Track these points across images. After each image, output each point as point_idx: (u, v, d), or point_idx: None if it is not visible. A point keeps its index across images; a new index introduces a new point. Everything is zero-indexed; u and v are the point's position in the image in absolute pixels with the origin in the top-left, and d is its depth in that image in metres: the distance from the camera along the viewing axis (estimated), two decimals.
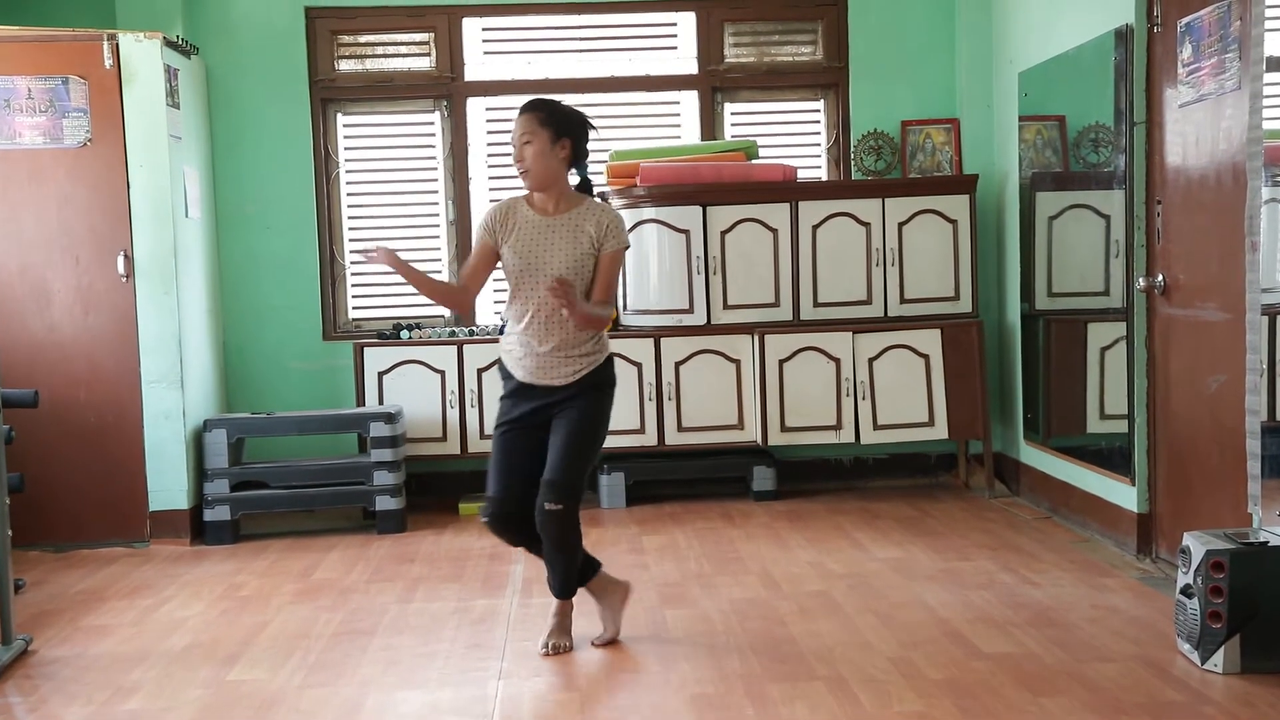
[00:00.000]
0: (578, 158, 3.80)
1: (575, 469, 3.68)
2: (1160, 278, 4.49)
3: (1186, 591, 3.49)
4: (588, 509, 5.89)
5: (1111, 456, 4.87)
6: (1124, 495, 4.77)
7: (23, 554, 5.13)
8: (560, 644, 3.78)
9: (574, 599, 3.86)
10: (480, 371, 5.87)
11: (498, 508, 3.77)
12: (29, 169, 5.33)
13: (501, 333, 3.94)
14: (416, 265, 6.28)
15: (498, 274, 3.88)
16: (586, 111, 6.38)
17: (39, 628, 4.20)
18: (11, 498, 4.12)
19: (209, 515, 5.48)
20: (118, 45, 5.35)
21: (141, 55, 5.37)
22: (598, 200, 3.86)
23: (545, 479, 3.67)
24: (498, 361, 3.91)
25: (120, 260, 5.39)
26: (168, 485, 5.45)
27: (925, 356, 5.84)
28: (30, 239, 5.35)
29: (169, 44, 5.50)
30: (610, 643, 3.82)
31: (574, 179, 3.85)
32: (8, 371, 5.17)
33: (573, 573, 3.80)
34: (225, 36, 6.10)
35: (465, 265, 3.89)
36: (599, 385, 3.78)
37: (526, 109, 3.78)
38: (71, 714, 3.40)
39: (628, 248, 3.83)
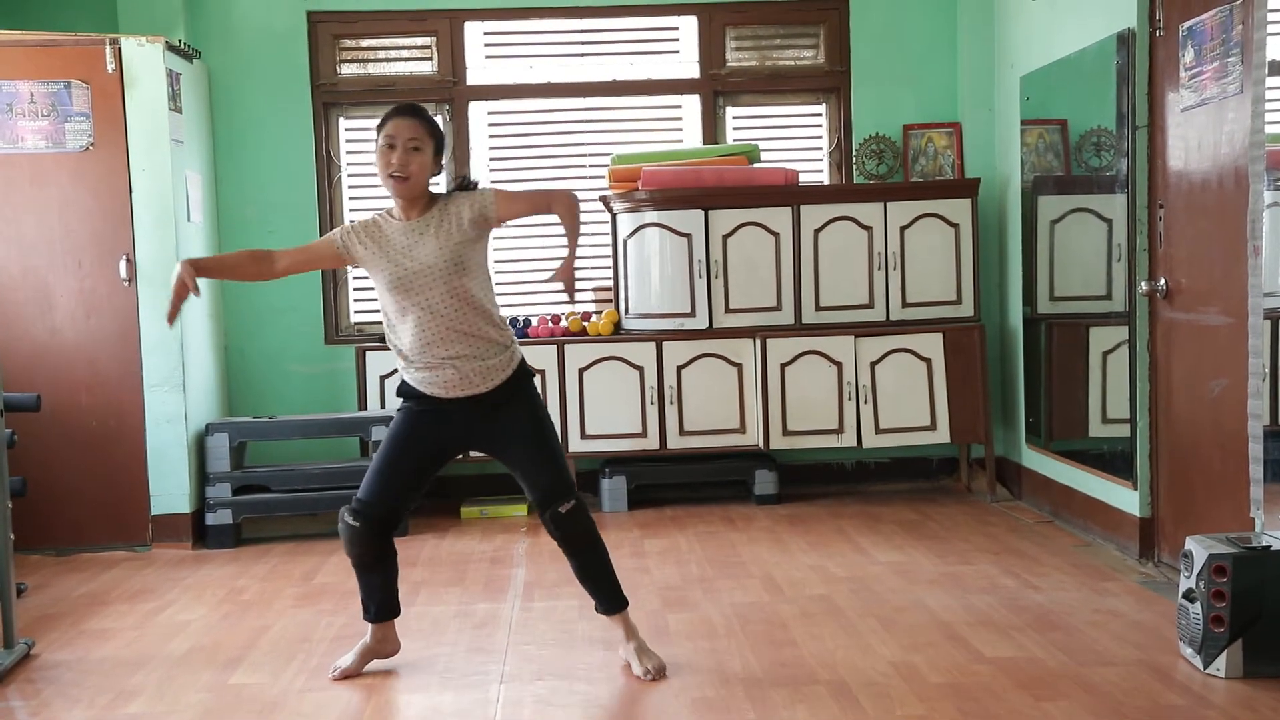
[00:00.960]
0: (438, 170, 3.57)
1: (561, 465, 3.55)
2: (1162, 282, 4.49)
3: (1189, 596, 3.48)
4: (590, 512, 5.89)
5: (1113, 460, 4.87)
6: (1126, 499, 4.77)
7: (25, 558, 5.13)
8: (656, 665, 3.54)
9: (628, 605, 3.65)
10: None
11: (370, 509, 3.55)
12: (31, 173, 5.34)
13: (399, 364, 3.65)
14: None
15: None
16: (589, 115, 6.44)
17: (41, 632, 4.20)
18: (13, 502, 4.12)
19: (211, 519, 5.48)
20: (120, 49, 5.35)
21: (143, 59, 5.38)
22: (450, 193, 3.59)
23: (541, 488, 3.50)
24: (399, 384, 3.66)
25: (122, 264, 5.39)
26: (169, 489, 5.45)
27: (927, 360, 5.84)
28: (32, 243, 5.36)
29: (171, 48, 5.51)
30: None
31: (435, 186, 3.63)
32: (10, 375, 5.17)
33: (610, 572, 3.61)
34: (227, 40, 6.11)
35: (294, 249, 3.69)
36: (521, 379, 3.58)
37: (411, 114, 3.50)
38: (73, 718, 3.40)
39: (495, 190, 3.56)
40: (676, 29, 6.39)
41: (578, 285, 3.64)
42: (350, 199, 6.31)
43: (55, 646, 4.05)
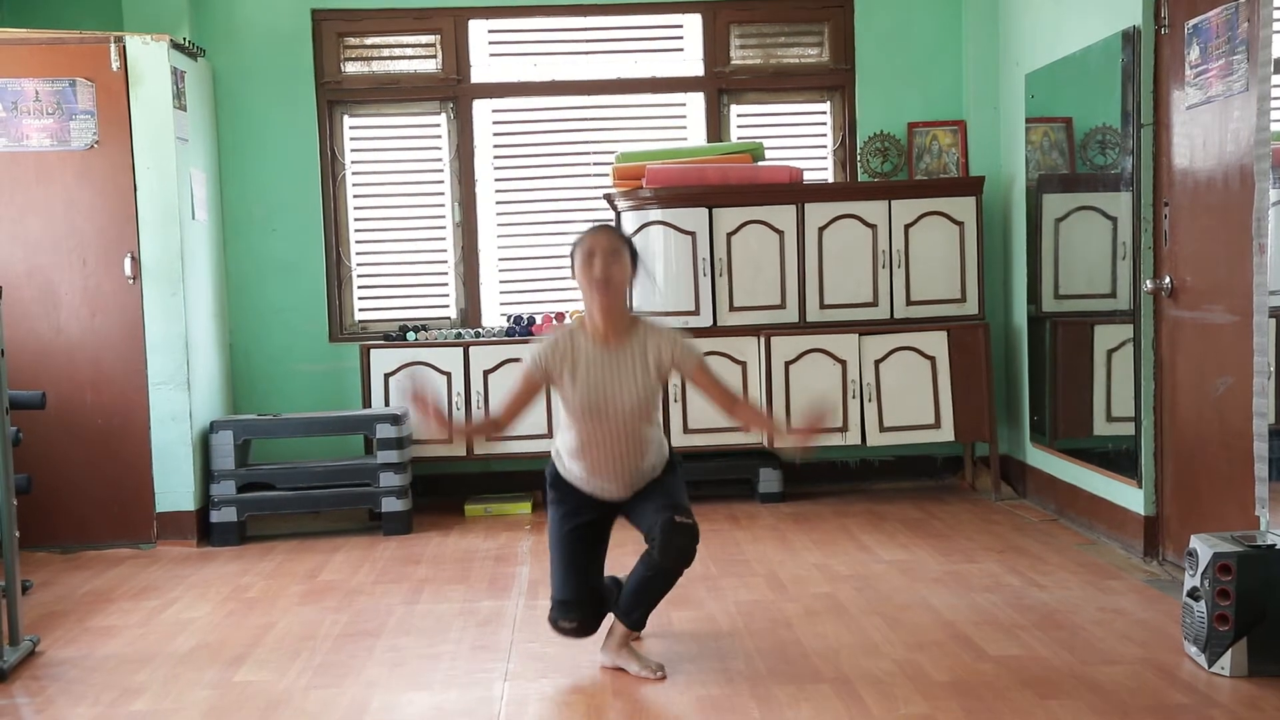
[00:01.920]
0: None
1: (685, 498, 3.62)
2: (1167, 280, 4.48)
3: (1193, 594, 3.48)
4: None
5: (1118, 459, 4.86)
6: (1131, 498, 4.76)
7: (30, 555, 5.13)
8: (657, 664, 3.58)
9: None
10: (486, 373, 5.87)
11: (572, 608, 3.61)
12: (36, 171, 5.35)
13: (556, 453, 3.73)
14: (422, 266, 6.35)
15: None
16: (593, 113, 6.42)
17: (46, 629, 4.21)
18: (19, 499, 4.12)
19: (215, 517, 5.48)
20: (125, 47, 5.36)
21: (148, 57, 5.38)
22: (644, 319, 3.65)
23: (664, 505, 3.53)
24: (550, 471, 3.72)
25: (127, 262, 5.40)
26: (174, 487, 5.46)
27: (931, 359, 5.83)
28: (37, 241, 5.37)
29: (176, 46, 5.51)
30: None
31: None
32: (15, 373, 5.18)
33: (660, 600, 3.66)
34: (232, 39, 6.12)
35: (506, 395, 3.65)
36: (670, 467, 3.73)
37: (605, 230, 3.62)
38: (78, 715, 3.40)
39: (704, 354, 3.69)
40: (681, 26, 6.39)
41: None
42: (355, 196, 6.31)
43: (60, 644, 4.06)
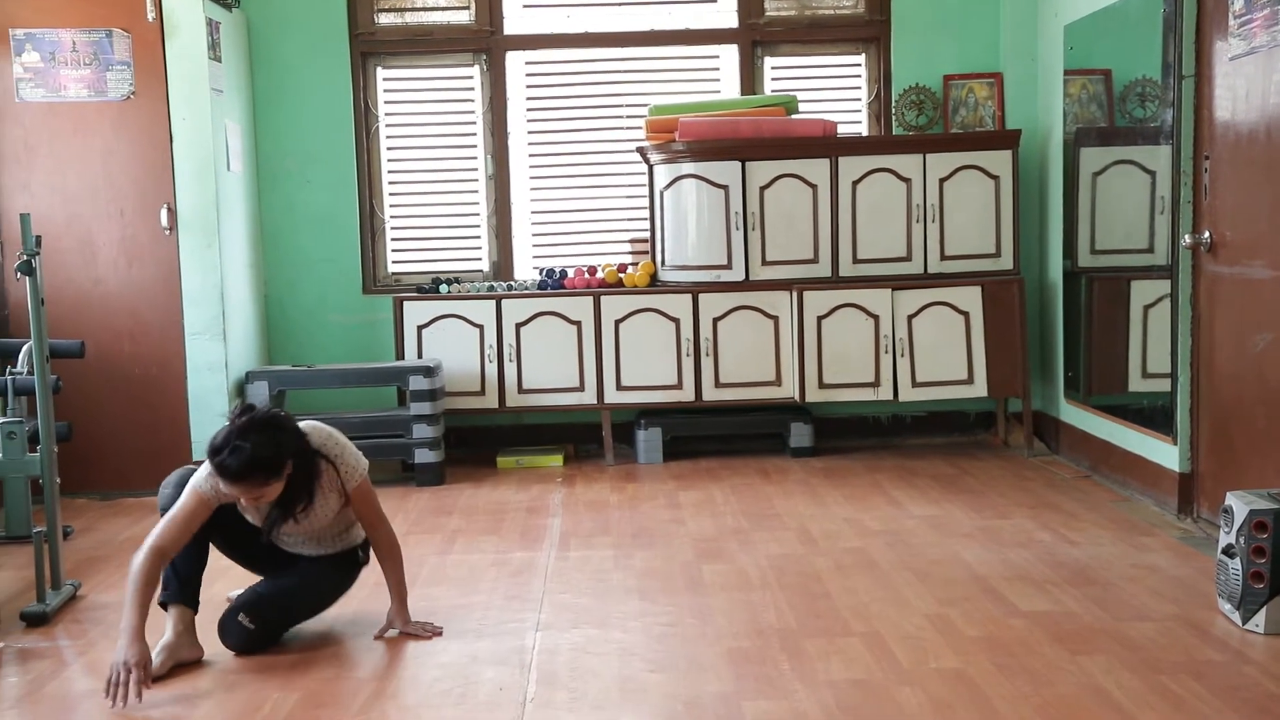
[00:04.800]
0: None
1: (281, 610, 3.51)
2: (1207, 235, 4.43)
3: (1228, 551, 3.47)
4: (625, 464, 5.93)
5: (1153, 415, 4.83)
6: (1165, 454, 4.74)
7: (70, 501, 5.21)
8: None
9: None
10: (519, 326, 5.88)
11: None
12: (74, 122, 5.38)
13: None
14: (455, 219, 6.34)
15: None
16: (626, 65, 6.37)
17: (87, 574, 4.28)
18: (59, 446, 4.18)
19: None
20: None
21: (184, 8, 5.38)
22: (312, 463, 3.40)
23: (262, 592, 3.49)
24: None
25: (163, 213, 5.43)
26: (210, 435, 5.49)
27: (965, 314, 5.80)
28: (75, 192, 5.40)
29: None
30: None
31: None
32: (55, 323, 5.23)
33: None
34: None
35: (170, 529, 3.34)
36: (354, 562, 3.67)
37: (238, 479, 3.24)
38: None
39: (365, 471, 3.51)
40: None
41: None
42: (388, 148, 6.31)
43: (101, 588, 4.13)
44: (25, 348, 4.78)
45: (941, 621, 3.54)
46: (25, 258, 3.86)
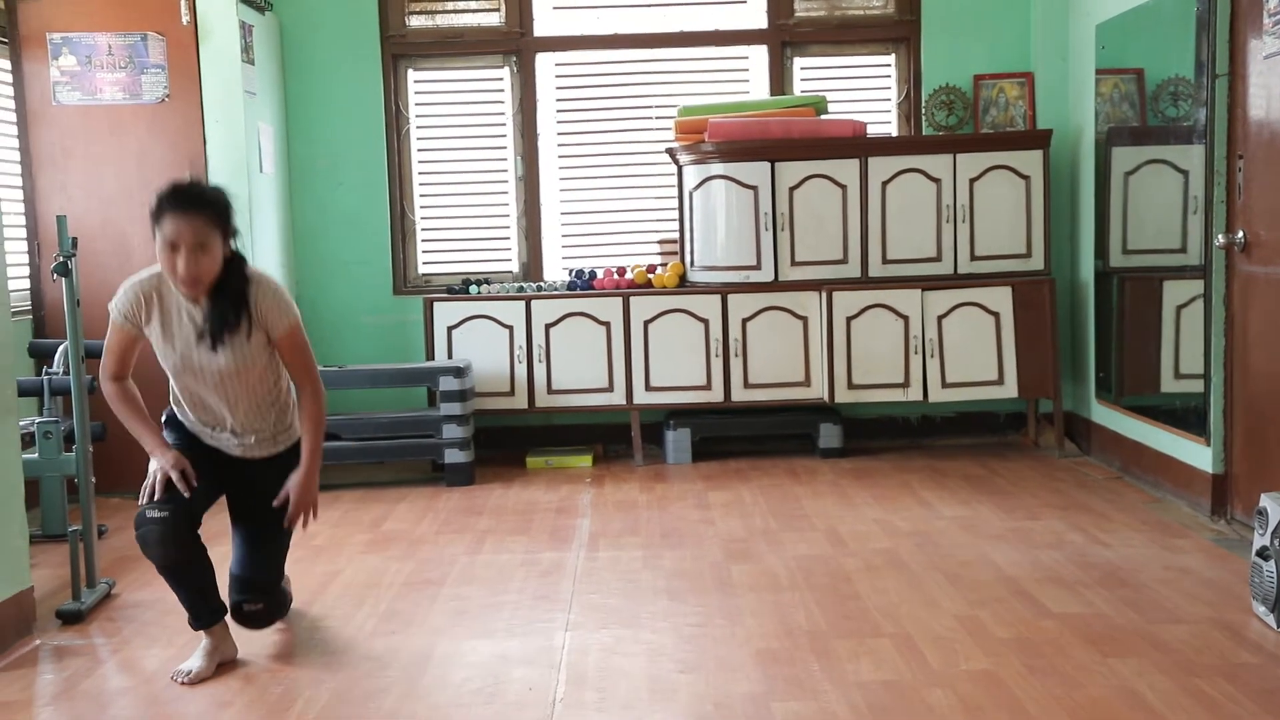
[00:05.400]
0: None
1: (278, 565, 3.52)
2: (1240, 234, 4.39)
3: (1263, 553, 3.44)
4: (654, 464, 5.93)
5: (1186, 416, 4.79)
6: (1199, 455, 4.70)
7: (105, 500, 5.26)
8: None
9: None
10: (548, 327, 5.90)
11: (163, 501, 3.26)
12: (109, 124, 5.44)
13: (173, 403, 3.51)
14: (485, 220, 6.37)
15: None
16: (656, 66, 6.39)
17: (121, 572, 4.32)
18: (94, 446, 4.23)
19: None
20: (194, 1, 5.41)
21: (217, 11, 5.43)
22: (246, 271, 3.37)
23: (249, 577, 3.43)
24: (166, 414, 3.52)
25: None
26: None
27: (995, 314, 5.77)
28: (110, 193, 5.46)
29: (244, 0, 5.55)
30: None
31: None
32: (90, 323, 5.27)
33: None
34: None
35: (108, 360, 3.39)
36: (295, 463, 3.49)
37: (191, 207, 3.19)
38: (152, 656, 3.50)
39: (297, 318, 3.41)
40: None
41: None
42: (419, 150, 6.34)
43: (135, 587, 4.17)
44: (61, 348, 4.84)
45: (972, 623, 3.53)
46: (61, 259, 3.91)
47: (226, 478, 3.52)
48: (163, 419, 3.55)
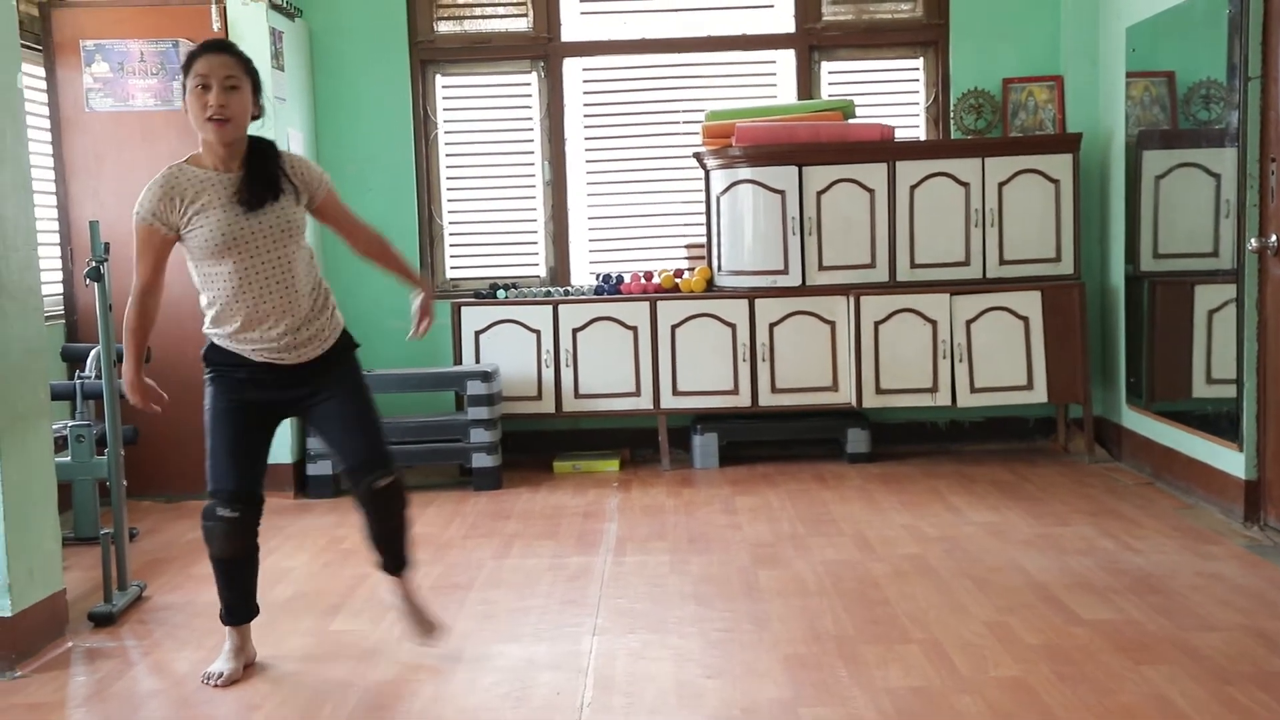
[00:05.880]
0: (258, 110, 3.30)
1: (384, 438, 3.44)
2: (1273, 238, 4.35)
3: None
4: (681, 469, 5.93)
5: (1218, 421, 4.75)
6: (1231, 461, 4.66)
7: (136, 504, 5.31)
8: (430, 627, 3.49)
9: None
10: (575, 331, 5.91)
11: (233, 497, 3.37)
12: (142, 130, 5.48)
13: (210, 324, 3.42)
14: (512, 225, 6.39)
15: None
16: (683, 71, 6.39)
17: (152, 575, 4.36)
18: (126, 450, 4.27)
19: (311, 470, 5.61)
20: (225, 8, 5.46)
21: (247, 18, 5.47)
22: (267, 141, 3.32)
23: (364, 459, 3.36)
24: (207, 349, 3.46)
25: None
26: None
27: (1025, 319, 5.74)
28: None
29: (274, 7, 5.59)
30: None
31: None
32: (121, 329, 5.33)
33: (409, 539, 3.53)
34: None
35: (141, 268, 3.31)
36: (349, 349, 3.48)
37: (223, 49, 3.20)
38: (182, 658, 3.53)
39: (330, 181, 3.38)
40: None
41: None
42: (446, 155, 6.36)
43: (166, 589, 4.20)
44: (93, 352, 4.88)
45: (1001, 629, 3.51)
46: (94, 264, 3.94)
47: (281, 414, 3.48)
48: (201, 355, 3.45)
